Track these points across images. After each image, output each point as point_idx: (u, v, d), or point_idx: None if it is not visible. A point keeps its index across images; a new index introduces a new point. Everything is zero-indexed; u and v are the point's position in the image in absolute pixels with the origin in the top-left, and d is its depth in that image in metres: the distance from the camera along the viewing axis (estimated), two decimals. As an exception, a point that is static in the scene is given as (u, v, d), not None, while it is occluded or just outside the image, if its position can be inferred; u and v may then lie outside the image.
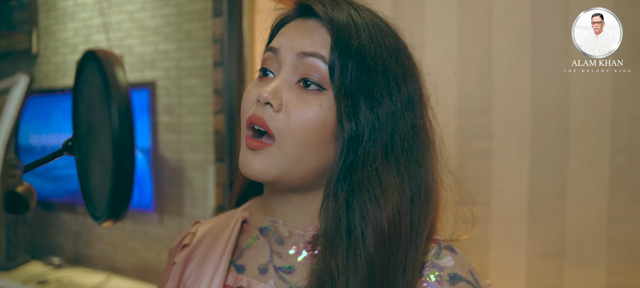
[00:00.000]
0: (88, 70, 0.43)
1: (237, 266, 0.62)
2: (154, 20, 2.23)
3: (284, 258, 0.60)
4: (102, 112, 0.40)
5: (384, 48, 0.58)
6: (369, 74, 0.55)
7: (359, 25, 0.57)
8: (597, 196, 1.47)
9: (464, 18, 1.58)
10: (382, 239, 0.52)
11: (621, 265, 1.46)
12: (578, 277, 1.50)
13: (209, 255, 0.62)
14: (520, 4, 1.51)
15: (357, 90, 0.54)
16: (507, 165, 1.56)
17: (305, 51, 0.55)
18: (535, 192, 1.53)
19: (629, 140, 1.43)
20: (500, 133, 1.56)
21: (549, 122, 1.51)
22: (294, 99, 0.54)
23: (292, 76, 0.56)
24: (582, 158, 1.49)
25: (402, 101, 0.58)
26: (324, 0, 0.59)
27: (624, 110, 1.43)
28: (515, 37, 1.52)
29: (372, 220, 0.52)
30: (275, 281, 0.59)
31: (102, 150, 0.41)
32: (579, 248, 1.50)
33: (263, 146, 0.53)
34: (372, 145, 0.55)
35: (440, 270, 0.58)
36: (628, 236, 1.45)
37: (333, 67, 0.54)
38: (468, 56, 1.58)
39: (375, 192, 0.53)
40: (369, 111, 0.55)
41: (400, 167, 0.56)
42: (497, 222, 1.56)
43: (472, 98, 1.57)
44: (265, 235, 0.62)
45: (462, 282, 0.57)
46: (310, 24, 0.58)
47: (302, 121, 0.53)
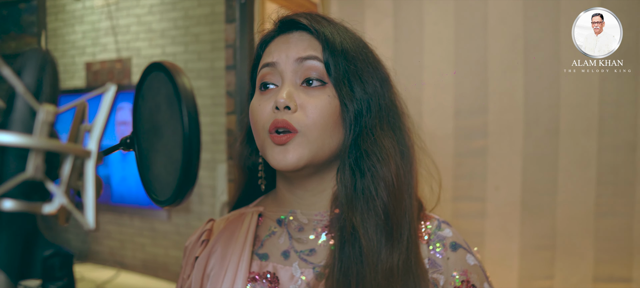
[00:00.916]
0: (153, 79, 0.51)
1: (260, 255, 0.68)
2: (162, 23, 2.30)
3: (304, 243, 0.67)
4: (169, 114, 0.48)
5: (358, 43, 0.68)
6: (355, 64, 0.66)
7: (337, 27, 0.68)
8: (586, 191, 1.55)
9: (460, 24, 1.65)
10: (393, 191, 0.63)
11: (607, 256, 1.54)
12: (568, 267, 1.57)
13: (229, 248, 0.69)
14: (513, 11, 1.58)
15: (351, 78, 0.65)
16: (501, 162, 1.63)
17: (302, 56, 0.64)
18: (528, 188, 1.60)
19: (614, 139, 1.51)
20: (494, 132, 1.63)
21: (541, 122, 1.58)
22: (305, 97, 0.63)
23: (296, 80, 0.64)
24: (572, 156, 1.56)
25: (380, 80, 0.69)
26: (303, 14, 0.68)
27: (610, 111, 1.50)
28: (508, 42, 1.60)
29: (382, 177, 0.62)
30: (298, 263, 0.66)
31: (168, 145, 0.49)
32: (569, 241, 1.57)
33: (289, 137, 0.61)
34: (370, 117, 0.65)
35: (442, 240, 0.68)
36: (614, 229, 1.53)
37: (328, 64, 0.64)
38: (464, 60, 1.65)
39: (380, 154, 0.63)
40: (362, 92, 0.65)
41: (390, 132, 0.67)
42: (492, 216, 1.63)
43: (468, 99, 1.64)
44: (282, 225, 0.69)
45: (461, 248, 0.68)
46: (296, 35, 0.66)
47: (318, 112, 0.62)
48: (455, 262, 0.67)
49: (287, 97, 0.61)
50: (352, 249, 0.61)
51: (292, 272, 0.65)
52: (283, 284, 0.65)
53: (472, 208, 1.64)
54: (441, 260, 0.66)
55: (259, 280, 0.65)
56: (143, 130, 0.54)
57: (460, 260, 0.67)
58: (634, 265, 1.51)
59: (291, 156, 0.61)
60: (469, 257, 0.69)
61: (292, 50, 0.64)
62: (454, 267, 0.67)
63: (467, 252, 0.69)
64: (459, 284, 0.66)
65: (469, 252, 0.69)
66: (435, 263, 0.66)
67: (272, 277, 0.65)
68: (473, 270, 0.68)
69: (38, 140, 0.37)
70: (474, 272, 0.67)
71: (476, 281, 0.67)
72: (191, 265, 0.72)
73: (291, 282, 0.64)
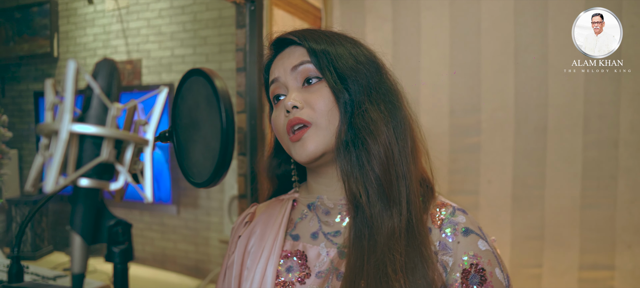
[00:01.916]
0: (193, 82, 0.61)
1: (293, 236, 0.78)
2: (171, 26, 2.39)
3: (331, 225, 0.76)
4: (208, 111, 0.58)
5: (334, 35, 0.78)
6: (338, 55, 0.75)
7: (312, 31, 0.79)
8: (572, 185, 1.65)
9: (455, 29, 1.75)
10: (384, 160, 0.71)
11: (592, 246, 1.64)
12: (555, 256, 1.67)
13: (267, 229, 0.79)
14: (505, 17, 1.68)
15: (337, 66, 0.75)
16: (494, 158, 1.73)
17: (295, 64, 0.75)
18: (518, 182, 1.70)
19: (598, 136, 1.61)
20: (487, 130, 1.73)
21: (530, 120, 1.68)
22: (308, 95, 0.74)
23: (297, 84, 0.75)
24: (559, 152, 1.66)
25: (366, 60, 0.78)
26: (282, 33, 0.80)
27: (594, 110, 1.60)
28: (500, 46, 1.70)
29: (373, 150, 0.71)
30: (325, 243, 0.75)
31: (206, 137, 0.59)
32: (556, 231, 1.67)
33: (304, 131, 0.72)
34: (360, 96, 0.73)
35: (454, 225, 0.72)
36: (598, 220, 1.63)
37: (317, 61, 0.75)
38: (459, 62, 1.75)
39: (370, 128, 0.71)
40: (351, 76, 0.75)
41: (381, 106, 0.74)
42: (485, 208, 1.73)
43: (462, 99, 1.74)
44: (312, 210, 0.78)
45: (473, 234, 0.72)
46: (288, 51, 0.77)
47: (322, 102, 0.73)
48: (465, 246, 0.70)
49: (293, 99, 0.72)
50: (362, 215, 0.70)
51: (319, 250, 0.75)
52: (311, 261, 0.74)
53: (466, 201, 1.74)
54: (451, 243, 0.71)
55: (291, 257, 0.75)
56: (181, 124, 0.65)
57: (472, 244, 0.70)
58: (617, 254, 1.61)
59: (309, 147, 0.71)
60: (481, 243, 0.71)
61: (287, 63, 0.75)
62: (464, 250, 0.70)
63: (479, 238, 0.72)
64: (468, 266, 0.69)
65: (481, 238, 0.72)
66: (445, 246, 0.71)
67: (301, 254, 0.75)
68: (484, 254, 0.70)
69: (110, 130, 0.47)
70: (484, 257, 0.70)
71: (486, 265, 0.69)
72: (235, 243, 0.82)
73: (317, 259, 0.74)
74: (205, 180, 0.60)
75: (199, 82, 0.60)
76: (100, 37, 2.62)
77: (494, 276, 0.70)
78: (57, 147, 0.44)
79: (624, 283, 1.61)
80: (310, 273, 0.74)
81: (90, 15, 2.63)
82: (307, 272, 0.74)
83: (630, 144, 1.57)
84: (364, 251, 0.69)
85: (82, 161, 0.49)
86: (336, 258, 0.73)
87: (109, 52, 2.61)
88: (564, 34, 1.60)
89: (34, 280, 2.05)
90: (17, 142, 2.22)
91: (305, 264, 0.75)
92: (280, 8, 1.55)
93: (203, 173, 0.60)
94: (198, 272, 2.40)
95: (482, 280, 0.69)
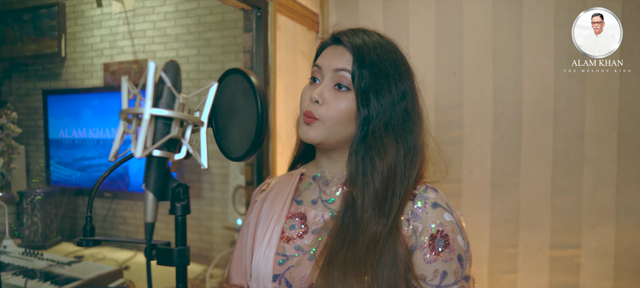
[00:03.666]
0: (231, 79, 0.77)
1: (297, 201, 0.93)
2: (176, 29, 2.53)
3: (328, 194, 0.91)
4: (245, 101, 0.74)
5: (387, 60, 0.86)
6: (376, 78, 0.84)
7: (370, 46, 0.86)
8: (543, 173, 1.81)
9: (440, 33, 1.91)
10: (385, 179, 0.82)
11: (561, 227, 1.81)
12: (529, 237, 1.84)
13: (278, 196, 0.95)
14: (484, 22, 1.85)
15: (369, 89, 0.83)
16: (474, 150, 1.89)
17: (337, 68, 0.85)
18: (496, 170, 1.87)
19: (566, 129, 1.78)
20: (468, 124, 1.89)
21: (506, 115, 1.85)
22: (332, 97, 0.86)
23: (330, 83, 0.86)
24: (532, 144, 1.82)
25: (398, 94, 0.87)
26: (347, 32, 0.90)
27: (562, 106, 1.78)
28: (480, 48, 1.86)
29: (377, 167, 0.84)
30: (321, 208, 0.89)
31: (243, 121, 0.76)
32: (530, 214, 1.84)
33: (313, 121, 0.86)
34: (378, 122, 0.84)
35: (425, 199, 0.85)
36: (566, 204, 1.80)
37: (354, 76, 0.83)
38: (443, 63, 1.91)
39: (379, 150, 0.83)
40: (376, 102, 0.83)
41: (397, 136, 0.85)
42: (467, 194, 1.90)
43: (446, 96, 1.90)
44: (316, 181, 0.93)
45: (440, 207, 0.84)
46: (340, 49, 0.88)
47: (337, 111, 0.84)
48: (433, 216, 0.83)
49: (318, 94, 0.86)
50: (351, 214, 0.84)
51: (316, 213, 0.90)
52: (309, 221, 0.90)
53: (450, 188, 1.91)
54: (421, 213, 0.84)
55: (294, 217, 0.92)
56: (219, 112, 0.81)
57: (439, 215, 0.83)
58: (582, 234, 1.78)
59: (311, 133, 0.87)
60: (447, 215, 0.84)
61: (333, 62, 0.87)
62: (433, 219, 0.83)
63: (445, 210, 0.84)
64: (435, 232, 0.82)
65: (447, 211, 0.84)
66: (416, 215, 0.84)
67: (302, 215, 0.91)
68: (449, 224, 0.83)
69: (179, 113, 0.63)
70: (449, 226, 0.83)
71: (450, 232, 0.82)
72: (252, 207, 0.99)
73: (314, 220, 0.90)
74: (242, 155, 0.77)
75: (237, 78, 0.76)
76: (107, 38, 2.75)
77: (456, 241, 0.83)
78: (142, 125, 0.61)
79: (588, 260, 1.78)
80: (308, 231, 0.89)
81: (98, 17, 2.76)
82: (305, 229, 0.89)
83: (594, 136, 1.75)
84: (345, 242, 0.81)
85: (156, 137, 0.65)
86: (329, 221, 0.87)
87: (115, 52, 2.74)
88: (537, 37, 1.78)
89: (49, 265, 2.18)
90: (24, 138, 2.34)
91: (304, 223, 0.90)
92: (283, 14, 1.72)
93: (240, 150, 0.77)
94: (203, 258, 2.54)
95: (446, 243, 0.82)
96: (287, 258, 0.88)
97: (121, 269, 2.24)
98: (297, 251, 0.88)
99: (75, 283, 1.94)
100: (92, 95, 2.81)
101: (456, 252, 0.83)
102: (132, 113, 0.63)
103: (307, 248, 0.87)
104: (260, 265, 0.89)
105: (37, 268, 2.11)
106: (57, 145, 2.81)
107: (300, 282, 0.84)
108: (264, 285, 0.88)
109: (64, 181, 2.78)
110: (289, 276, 0.86)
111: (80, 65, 2.86)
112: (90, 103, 2.76)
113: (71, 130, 2.79)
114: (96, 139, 2.73)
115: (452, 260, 0.83)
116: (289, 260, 0.87)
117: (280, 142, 1.70)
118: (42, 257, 2.28)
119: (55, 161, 2.82)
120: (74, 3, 2.85)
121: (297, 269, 0.85)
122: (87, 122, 2.77)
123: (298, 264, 0.86)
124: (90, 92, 2.79)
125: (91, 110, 2.78)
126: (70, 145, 2.84)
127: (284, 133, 1.68)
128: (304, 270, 0.84)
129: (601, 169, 1.75)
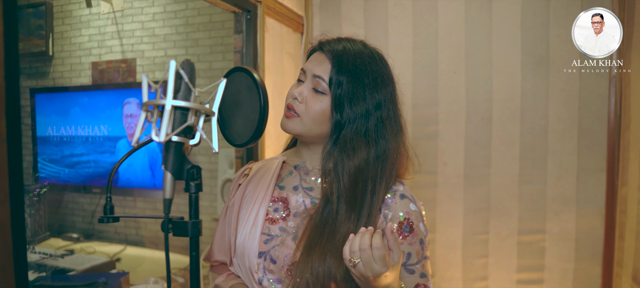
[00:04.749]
0: (236, 75, 0.88)
1: (280, 186, 1.00)
2: (164, 29, 2.60)
3: (308, 182, 0.99)
4: (248, 95, 0.85)
5: (364, 70, 0.92)
6: (352, 86, 0.90)
7: (350, 56, 0.92)
8: (511, 165, 1.94)
9: (417, 35, 2.03)
10: (350, 177, 0.90)
11: (528, 214, 1.95)
12: (499, 224, 1.97)
13: (261, 181, 1.03)
14: (457, 26, 1.97)
15: (343, 97, 0.91)
16: (449, 144, 2.01)
17: (315, 74, 0.93)
18: (469, 163, 1.99)
19: (532, 125, 1.92)
20: (443, 120, 2.01)
21: (478, 112, 1.97)
22: (310, 97, 0.95)
23: (310, 85, 0.94)
24: (501, 138, 1.95)
25: (373, 103, 0.92)
26: (331, 41, 0.98)
27: (528, 104, 1.91)
28: (454, 50, 1.98)
29: (346, 166, 0.90)
30: (302, 194, 0.97)
31: (246, 113, 0.87)
32: (500, 203, 1.97)
33: (293, 115, 0.95)
34: (350, 127, 0.91)
35: (394, 192, 0.96)
36: (533, 193, 1.94)
37: (331, 82, 0.91)
38: (420, 64, 2.02)
39: (349, 152, 0.91)
40: (349, 109, 0.90)
41: (368, 140, 0.92)
42: (442, 185, 2.02)
43: (423, 94, 2.02)
44: (297, 170, 1.01)
45: (406, 199, 0.96)
46: (322, 56, 0.95)
47: (311, 110, 0.95)
48: (400, 206, 0.95)
49: (298, 93, 0.96)
50: (330, 207, 0.93)
51: (297, 198, 1.00)
52: (291, 205, 0.99)
53: (426, 180, 2.03)
54: (391, 203, 0.95)
55: (277, 201, 1.00)
56: (224, 105, 0.92)
57: (405, 205, 0.95)
58: (547, 221, 1.93)
59: (289, 125, 0.96)
60: (412, 205, 0.95)
61: (315, 68, 0.96)
62: (400, 209, 0.94)
63: (410, 201, 0.96)
64: (402, 220, 0.94)
65: (412, 202, 0.96)
66: (387, 204, 0.95)
67: (284, 200, 1.00)
68: (413, 213, 0.95)
69: (195, 104, 0.74)
70: (413, 215, 0.95)
71: (414, 220, 0.95)
72: (235, 189, 1.07)
73: (296, 204, 0.99)
74: (245, 141, 0.88)
75: (241, 75, 0.87)
76: (95, 38, 2.80)
77: (419, 227, 0.95)
78: (164, 114, 0.72)
79: (552, 244, 1.93)
80: (290, 214, 0.98)
81: (86, 17, 2.80)
82: (288, 213, 0.98)
83: (556, 131, 1.89)
84: (324, 235, 0.89)
85: (175, 125, 0.76)
86: (309, 205, 0.96)
87: (104, 51, 2.80)
88: (506, 39, 1.91)
89: (42, 257, 2.24)
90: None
91: (287, 207, 0.99)
92: (271, 16, 1.83)
93: (243, 137, 0.88)
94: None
95: (411, 229, 0.94)
96: (271, 238, 0.96)
97: (113, 260, 2.30)
98: (281, 232, 0.97)
99: (73, 273, 2.01)
100: (81, 93, 2.84)
101: (418, 237, 0.95)
102: (154, 105, 0.73)
103: (290, 230, 0.96)
104: (247, 242, 0.97)
105: (31, 261, 2.17)
106: (45, 143, 2.84)
107: (284, 260, 0.93)
108: (250, 261, 0.96)
109: (52, 177, 2.82)
110: (274, 253, 0.94)
111: (68, 64, 2.90)
112: (78, 101, 2.79)
113: (59, 128, 2.81)
114: (85, 136, 2.77)
115: (415, 243, 0.94)
116: (274, 239, 0.96)
117: (268, 137, 1.81)
118: (34, 250, 2.33)
119: (43, 158, 2.86)
120: (62, 3, 2.89)
121: (281, 248, 0.94)
122: (75, 119, 2.80)
123: (282, 243, 0.94)
124: (78, 91, 2.83)
125: (80, 108, 2.81)
126: (58, 142, 2.87)
127: (273, 129, 1.78)
128: (287, 249, 0.93)
129: (563, 161, 1.89)
